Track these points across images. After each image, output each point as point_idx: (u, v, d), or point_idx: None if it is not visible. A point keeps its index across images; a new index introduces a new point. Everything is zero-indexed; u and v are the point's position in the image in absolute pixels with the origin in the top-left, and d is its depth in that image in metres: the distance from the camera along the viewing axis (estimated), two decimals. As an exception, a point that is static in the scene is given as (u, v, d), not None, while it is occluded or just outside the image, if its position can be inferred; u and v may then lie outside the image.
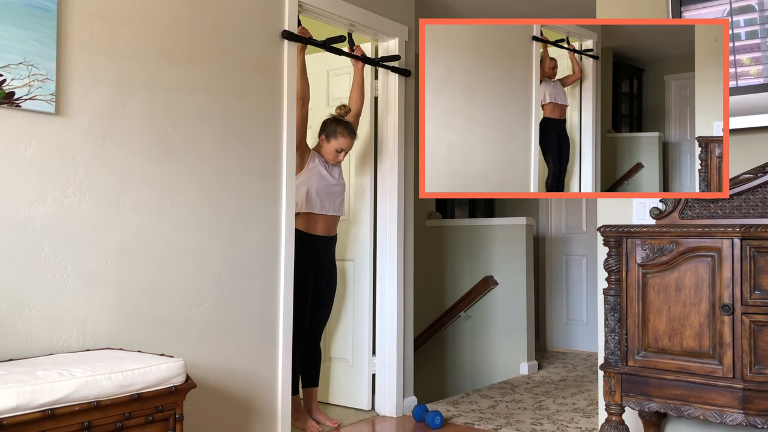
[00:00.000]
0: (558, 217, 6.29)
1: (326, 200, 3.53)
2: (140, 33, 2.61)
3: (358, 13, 3.63)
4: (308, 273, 3.51)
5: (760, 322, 2.23)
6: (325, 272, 3.64)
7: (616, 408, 2.50)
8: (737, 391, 2.24)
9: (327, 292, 3.67)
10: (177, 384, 2.11)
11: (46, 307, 2.31)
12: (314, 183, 3.49)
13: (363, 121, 3.99)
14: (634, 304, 2.47)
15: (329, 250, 3.65)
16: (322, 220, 3.54)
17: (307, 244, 3.47)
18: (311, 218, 3.51)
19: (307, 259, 3.47)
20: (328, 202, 3.54)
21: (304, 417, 3.51)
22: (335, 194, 3.58)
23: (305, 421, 3.50)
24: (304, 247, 3.44)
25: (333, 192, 3.57)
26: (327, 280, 3.65)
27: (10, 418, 1.72)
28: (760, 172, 2.54)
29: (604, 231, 2.53)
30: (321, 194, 3.51)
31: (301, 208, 3.47)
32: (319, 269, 3.59)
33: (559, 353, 6.04)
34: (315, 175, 3.50)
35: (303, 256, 3.42)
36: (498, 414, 3.89)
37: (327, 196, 3.53)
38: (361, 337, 3.93)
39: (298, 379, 3.48)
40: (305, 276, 3.48)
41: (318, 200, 3.50)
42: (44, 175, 2.32)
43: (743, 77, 2.53)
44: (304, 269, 3.46)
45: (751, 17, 2.49)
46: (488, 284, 5.29)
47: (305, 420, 3.50)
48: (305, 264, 3.46)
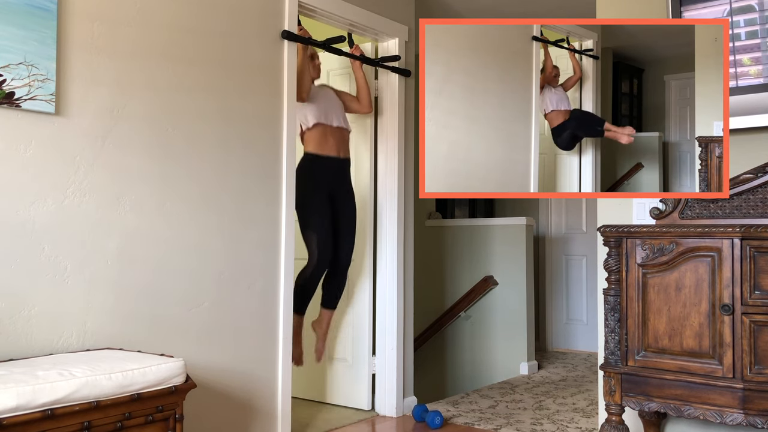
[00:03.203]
0: (558, 217, 6.29)
1: (330, 112, 3.56)
2: (140, 33, 2.61)
3: (358, 13, 3.63)
4: (323, 198, 3.46)
5: (760, 322, 2.23)
6: (343, 198, 3.59)
7: (616, 408, 2.50)
8: (737, 391, 2.24)
9: (347, 220, 3.60)
10: (177, 384, 2.11)
11: (46, 307, 2.31)
12: (316, 99, 3.53)
13: (363, 120, 3.99)
14: (634, 304, 2.47)
15: (344, 174, 3.61)
16: (331, 134, 3.55)
17: (319, 166, 3.47)
18: (320, 133, 3.51)
19: (321, 184, 3.45)
20: (331, 114, 3.57)
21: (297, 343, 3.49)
22: (335, 107, 3.61)
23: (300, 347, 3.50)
24: (316, 171, 3.44)
25: (334, 106, 3.60)
26: (346, 206, 3.59)
27: (10, 418, 1.72)
28: (760, 172, 2.54)
29: (604, 231, 2.53)
30: (322, 106, 3.54)
31: (308, 123, 3.49)
32: (335, 195, 3.55)
33: (559, 353, 6.04)
34: (314, 94, 3.55)
35: (316, 180, 3.42)
36: (498, 414, 3.89)
37: (330, 108, 3.57)
38: (361, 337, 3.93)
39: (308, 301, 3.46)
40: (321, 201, 3.43)
41: (323, 112, 3.52)
42: (44, 175, 2.32)
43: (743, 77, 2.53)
44: (319, 194, 3.43)
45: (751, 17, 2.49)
46: (488, 284, 5.29)
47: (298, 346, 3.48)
48: (320, 189, 3.44)
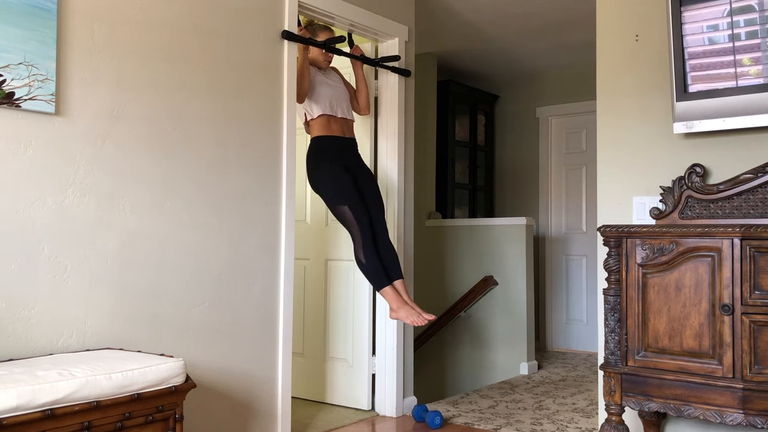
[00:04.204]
0: (558, 217, 6.29)
1: (334, 103, 3.55)
2: (140, 33, 2.61)
3: (358, 13, 3.63)
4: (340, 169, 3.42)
5: (760, 322, 2.23)
6: (359, 168, 3.55)
7: (616, 408, 2.50)
8: (737, 391, 2.24)
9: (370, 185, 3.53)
10: (177, 384, 2.11)
11: (46, 307, 2.31)
12: (318, 89, 3.52)
13: (363, 121, 4.00)
14: (634, 304, 2.48)
15: (353, 151, 3.59)
16: (335, 122, 3.55)
17: (330, 144, 3.47)
18: (324, 122, 3.52)
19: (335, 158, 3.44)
20: (336, 105, 3.56)
21: (402, 304, 3.38)
22: (340, 98, 3.60)
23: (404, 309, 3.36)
24: (328, 147, 3.44)
25: (337, 95, 3.59)
26: (364, 175, 3.54)
27: (10, 418, 1.72)
28: (760, 172, 2.55)
29: (604, 231, 2.53)
30: (328, 97, 3.53)
31: (312, 114, 3.50)
32: (351, 165, 3.51)
33: (559, 353, 6.04)
34: (318, 83, 3.54)
35: (329, 155, 3.42)
36: (498, 414, 3.89)
37: (334, 99, 3.56)
38: (360, 337, 3.93)
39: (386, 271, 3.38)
40: (338, 172, 3.40)
41: (327, 102, 3.52)
42: (44, 175, 2.32)
43: (743, 77, 2.53)
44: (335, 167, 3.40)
45: (751, 17, 2.49)
46: (488, 284, 5.30)
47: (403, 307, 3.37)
48: (334, 162, 3.42)
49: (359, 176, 3.50)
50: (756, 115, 2.51)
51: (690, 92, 2.64)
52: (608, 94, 3.01)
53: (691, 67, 2.63)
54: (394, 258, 3.47)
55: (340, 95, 3.61)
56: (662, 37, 2.86)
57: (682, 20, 2.64)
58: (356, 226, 3.36)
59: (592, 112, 5.93)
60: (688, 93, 2.64)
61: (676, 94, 2.66)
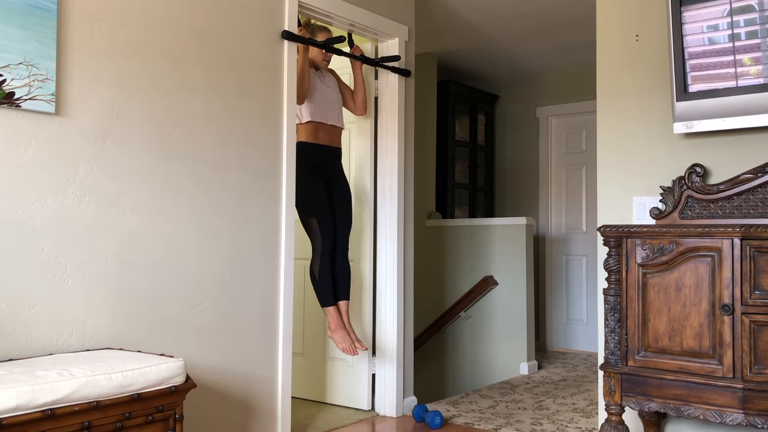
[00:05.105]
0: (558, 217, 6.29)
1: (326, 110, 3.59)
2: (140, 33, 2.61)
3: (358, 13, 3.64)
4: (319, 183, 3.52)
5: (760, 322, 2.23)
6: (337, 183, 3.64)
7: (616, 408, 2.50)
8: (737, 391, 2.24)
9: (343, 203, 3.64)
10: (177, 384, 2.11)
11: (46, 307, 2.31)
12: (312, 93, 3.54)
13: (363, 121, 4.00)
14: (634, 304, 2.48)
15: (336, 161, 3.67)
16: (323, 129, 3.59)
17: (313, 153, 3.52)
18: (312, 128, 3.55)
19: (315, 168, 3.51)
20: (327, 112, 3.59)
21: (340, 327, 3.49)
22: (332, 103, 3.64)
23: (340, 332, 3.48)
24: (311, 156, 3.48)
25: (330, 101, 3.62)
26: (340, 191, 3.64)
27: (10, 418, 1.72)
28: (760, 172, 2.55)
29: (604, 231, 2.53)
30: (320, 103, 3.56)
31: (302, 118, 3.54)
32: (330, 179, 3.60)
33: (559, 353, 6.04)
34: (313, 87, 3.57)
35: (310, 165, 3.47)
36: (498, 414, 3.89)
37: (326, 105, 3.59)
38: (360, 337, 3.93)
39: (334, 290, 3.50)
40: (316, 186, 3.49)
41: (318, 109, 3.55)
42: (44, 175, 2.32)
43: (743, 77, 2.53)
44: (314, 179, 3.48)
45: (751, 17, 2.49)
46: (488, 284, 5.30)
47: (340, 330, 3.48)
48: (314, 174, 3.49)
49: (335, 192, 3.60)
50: (756, 115, 2.51)
51: (690, 92, 2.64)
52: (608, 94, 3.01)
53: (691, 67, 2.63)
54: (347, 278, 3.62)
55: (334, 101, 3.64)
56: (662, 37, 2.86)
57: (682, 20, 2.64)
58: (320, 240, 3.50)
59: (592, 112, 5.93)
60: (688, 93, 2.64)
61: (676, 94, 2.66)
